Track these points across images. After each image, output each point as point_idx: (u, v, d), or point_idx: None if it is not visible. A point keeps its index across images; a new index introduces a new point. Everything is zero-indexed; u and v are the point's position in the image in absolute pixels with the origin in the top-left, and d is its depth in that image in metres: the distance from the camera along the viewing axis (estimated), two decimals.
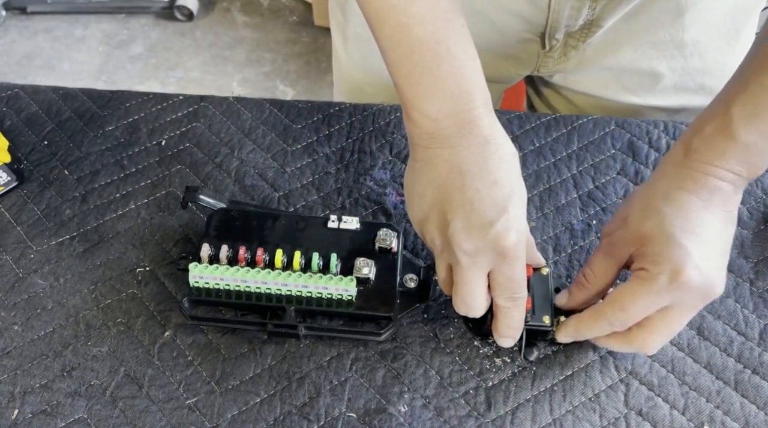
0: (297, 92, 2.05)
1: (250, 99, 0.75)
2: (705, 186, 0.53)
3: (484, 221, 0.50)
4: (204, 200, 0.62)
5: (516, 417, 0.55)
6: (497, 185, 0.51)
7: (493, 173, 0.52)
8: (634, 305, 0.51)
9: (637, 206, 0.55)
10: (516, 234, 0.51)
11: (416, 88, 0.53)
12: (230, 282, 0.57)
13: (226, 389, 0.57)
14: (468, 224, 0.51)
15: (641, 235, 0.53)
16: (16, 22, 2.23)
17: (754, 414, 0.56)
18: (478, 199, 0.51)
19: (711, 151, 0.53)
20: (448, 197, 0.52)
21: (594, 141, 0.72)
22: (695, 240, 0.51)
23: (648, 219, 0.53)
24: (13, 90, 0.76)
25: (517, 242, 0.51)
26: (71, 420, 0.55)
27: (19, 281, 0.62)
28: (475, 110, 0.52)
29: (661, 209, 0.53)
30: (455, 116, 0.52)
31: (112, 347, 0.59)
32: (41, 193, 0.68)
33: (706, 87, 0.77)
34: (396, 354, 0.58)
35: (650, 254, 0.52)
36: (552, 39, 0.73)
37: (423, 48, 0.52)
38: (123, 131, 0.73)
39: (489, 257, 0.51)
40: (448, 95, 0.52)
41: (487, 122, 0.53)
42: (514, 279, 0.52)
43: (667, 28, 0.72)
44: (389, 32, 0.52)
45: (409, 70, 0.52)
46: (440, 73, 0.52)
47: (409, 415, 0.55)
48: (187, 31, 2.21)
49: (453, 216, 0.51)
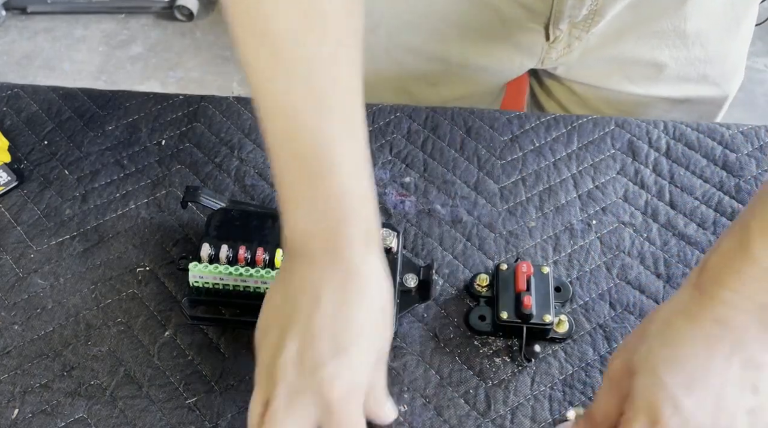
0: None
1: (250, 99, 0.75)
2: (711, 314, 0.44)
3: (317, 360, 0.44)
4: (204, 200, 0.62)
5: (516, 416, 0.55)
6: (346, 323, 0.45)
7: (346, 310, 0.46)
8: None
9: (637, 332, 0.48)
10: (346, 385, 0.44)
11: (292, 196, 0.48)
12: (230, 282, 0.57)
13: (226, 388, 0.57)
14: (301, 358, 0.45)
15: (631, 366, 0.45)
16: (16, 22, 2.23)
17: None
18: (318, 333, 0.45)
19: (725, 270, 0.43)
20: (293, 319, 0.46)
21: (594, 141, 0.72)
22: (685, 376, 0.42)
23: (639, 348, 0.45)
24: (13, 90, 0.76)
25: (347, 395, 0.44)
26: (71, 419, 0.55)
27: (19, 281, 0.62)
28: (348, 238, 0.47)
29: (653, 339, 0.45)
30: (324, 239, 0.47)
31: (112, 347, 0.59)
32: (41, 193, 0.68)
33: (708, 77, 0.78)
34: (396, 353, 0.58)
35: (634, 393, 0.44)
36: (556, 29, 0.73)
37: (305, 161, 0.47)
38: (123, 130, 0.73)
39: (311, 406, 0.44)
40: (321, 216, 0.47)
41: (359, 252, 0.47)
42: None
43: (669, 17, 0.73)
44: (275, 132, 0.48)
45: (289, 179, 0.48)
46: (317, 192, 0.47)
47: (409, 414, 0.55)
48: (187, 31, 2.21)
49: (288, 342, 0.45)
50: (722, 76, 0.79)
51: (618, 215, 0.66)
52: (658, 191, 0.68)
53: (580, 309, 0.61)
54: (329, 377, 0.44)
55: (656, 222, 0.66)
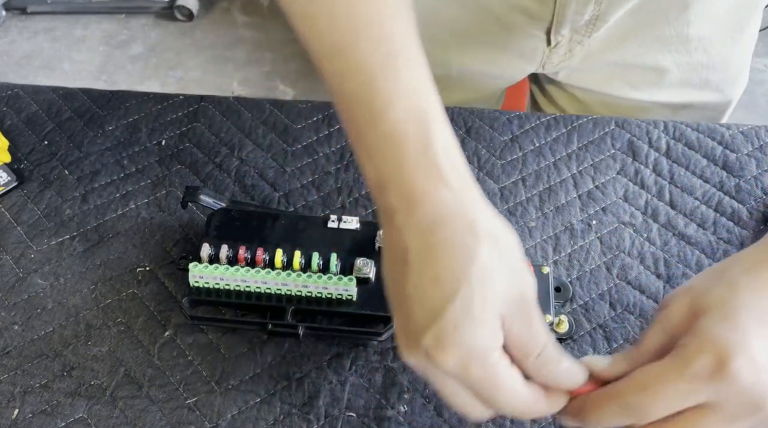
0: (297, 92, 2.05)
1: (250, 99, 0.75)
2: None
3: (416, 329, 0.39)
4: (204, 200, 0.62)
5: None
6: (436, 282, 0.39)
7: (433, 266, 0.39)
8: (658, 388, 0.39)
9: (708, 276, 0.44)
10: (455, 353, 0.38)
11: (357, 148, 0.43)
12: (230, 282, 0.57)
13: (226, 389, 0.57)
14: (404, 332, 0.41)
15: (700, 305, 0.41)
16: (16, 22, 2.23)
17: None
18: (408, 301, 0.40)
19: None
20: (392, 291, 0.42)
21: (594, 141, 0.72)
22: (762, 328, 0.39)
23: (715, 288, 0.42)
24: (13, 90, 0.76)
25: (461, 363, 0.39)
26: (71, 420, 0.55)
27: (19, 281, 0.62)
28: (416, 181, 0.40)
29: (737, 280, 0.41)
30: (397, 189, 0.41)
31: (112, 347, 0.59)
32: (41, 193, 0.68)
33: (711, 83, 0.77)
34: (396, 353, 0.58)
35: (700, 329, 0.40)
36: (557, 35, 0.73)
37: (356, 103, 0.42)
38: (123, 130, 0.73)
39: (440, 376, 0.40)
40: (384, 162, 0.41)
41: (443, 195, 0.40)
42: (483, 395, 0.40)
43: (672, 22, 0.72)
44: (333, 72, 0.43)
45: (350, 128, 0.43)
46: (376, 137, 0.41)
47: (409, 415, 0.55)
48: (187, 31, 2.21)
49: (395, 317, 0.42)
50: (725, 81, 0.78)
51: (618, 215, 0.66)
52: (658, 191, 0.68)
53: (580, 309, 0.61)
54: (431, 349, 0.39)
55: (656, 222, 0.66)
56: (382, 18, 0.43)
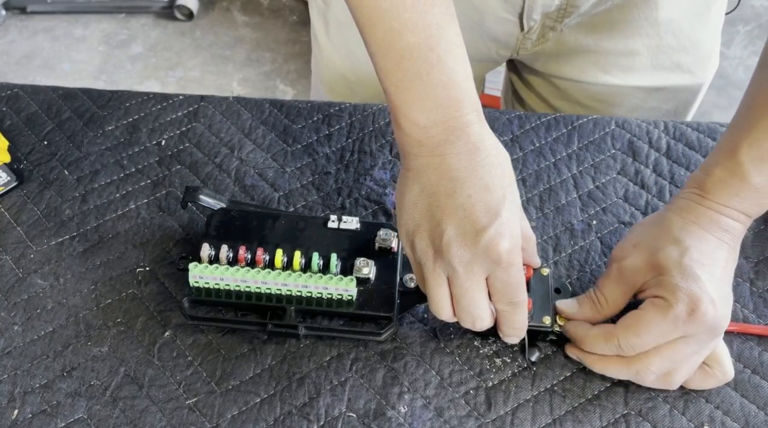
0: (297, 92, 2.05)
1: (250, 99, 0.75)
2: (719, 225, 0.55)
3: (477, 227, 0.50)
4: (204, 200, 0.62)
5: (516, 417, 0.55)
6: (489, 190, 0.51)
7: (483, 178, 0.51)
8: (648, 332, 0.52)
9: (651, 234, 0.56)
10: (509, 240, 0.50)
11: (406, 95, 0.52)
12: (230, 282, 0.57)
13: (226, 389, 0.57)
14: (462, 231, 0.50)
15: (657, 263, 0.54)
16: (16, 22, 2.23)
17: (754, 414, 0.56)
18: (470, 205, 0.50)
19: (725, 193, 0.55)
20: (440, 204, 0.51)
21: (594, 141, 0.72)
22: (711, 276, 0.53)
23: (665, 249, 0.54)
24: (13, 90, 0.76)
25: (511, 248, 0.50)
26: (71, 420, 0.55)
27: (19, 281, 0.62)
28: (464, 118, 0.52)
29: (681, 240, 0.54)
30: (444, 124, 0.52)
31: (112, 347, 0.59)
32: (41, 193, 0.68)
33: (682, 65, 0.79)
34: (396, 354, 0.58)
35: (669, 284, 0.52)
36: (530, 20, 0.75)
37: (414, 55, 0.51)
38: (123, 131, 0.73)
39: (484, 265, 0.51)
40: (437, 103, 0.51)
41: (477, 129, 0.52)
42: (510, 285, 0.52)
43: (641, 7, 0.74)
44: (380, 37, 0.52)
45: (399, 77, 0.52)
46: (430, 81, 0.51)
47: (410, 415, 0.55)
48: (187, 30, 2.21)
49: (446, 224, 0.51)
50: (696, 63, 0.80)
51: (618, 215, 0.66)
52: (659, 191, 0.68)
53: None
54: (496, 236, 0.50)
55: None
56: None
